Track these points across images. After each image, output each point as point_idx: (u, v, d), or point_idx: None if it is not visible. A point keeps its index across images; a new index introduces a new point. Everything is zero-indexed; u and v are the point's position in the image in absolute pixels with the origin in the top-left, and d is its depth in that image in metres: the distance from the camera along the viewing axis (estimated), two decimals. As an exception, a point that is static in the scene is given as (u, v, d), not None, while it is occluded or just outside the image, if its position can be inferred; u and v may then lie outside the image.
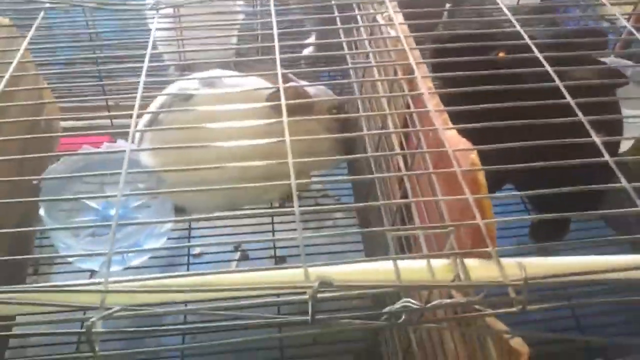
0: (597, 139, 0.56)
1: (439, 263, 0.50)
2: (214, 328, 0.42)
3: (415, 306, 0.45)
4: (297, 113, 0.89)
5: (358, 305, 0.93)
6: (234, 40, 1.11)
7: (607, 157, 0.54)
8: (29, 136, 0.80)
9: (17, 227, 0.87)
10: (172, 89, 0.88)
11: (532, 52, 0.68)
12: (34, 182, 0.84)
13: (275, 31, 0.71)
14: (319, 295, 0.41)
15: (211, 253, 1.13)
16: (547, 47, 0.80)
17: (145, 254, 0.92)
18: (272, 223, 1.12)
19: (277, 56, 0.68)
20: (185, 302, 0.44)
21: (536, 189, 0.72)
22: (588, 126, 0.57)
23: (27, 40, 0.74)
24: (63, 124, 1.03)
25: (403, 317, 0.46)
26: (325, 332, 0.43)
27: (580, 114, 0.58)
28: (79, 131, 1.05)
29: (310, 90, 0.93)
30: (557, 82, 0.62)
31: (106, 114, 1.03)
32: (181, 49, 0.98)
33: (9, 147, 0.75)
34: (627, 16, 1.17)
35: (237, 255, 1.14)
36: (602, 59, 0.98)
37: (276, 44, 0.69)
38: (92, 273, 0.94)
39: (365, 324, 0.44)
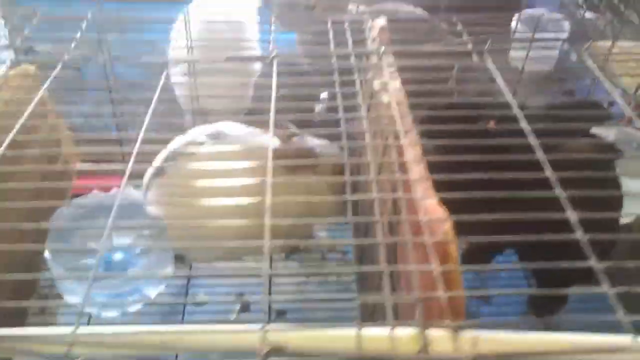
0: (572, 215, 0.56)
1: (402, 333, 0.51)
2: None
3: (370, 377, 0.46)
4: (298, 171, 0.91)
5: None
6: (248, 97, 1.15)
7: (579, 235, 0.54)
8: (40, 185, 0.84)
9: (27, 264, 0.91)
10: (179, 141, 0.92)
11: (525, 122, 0.69)
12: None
13: (273, 93, 0.75)
14: (271, 360, 0.42)
15: (212, 302, 1.14)
16: (543, 118, 0.81)
17: (140, 302, 0.93)
18: (272, 275, 1.13)
19: (272, 116, 0.71)
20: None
21: (535, 257, 0.71)
22: (565, 203, 0.57)
23: (42, 90, 0.78)
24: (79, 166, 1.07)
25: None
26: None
27: (561, 190, 0.59)
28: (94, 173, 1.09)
29: (316, 148, 0.95)
30: (542, 155, 0.63)
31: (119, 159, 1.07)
32: (195, 103, 1.02)
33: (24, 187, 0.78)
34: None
35: (238, 305, 1.15)
36: (610, 130, 0.98)
37: (272, 104, 0.72)
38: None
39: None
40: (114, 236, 0.96)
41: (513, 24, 1.18)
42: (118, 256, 0.95)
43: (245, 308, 1.17)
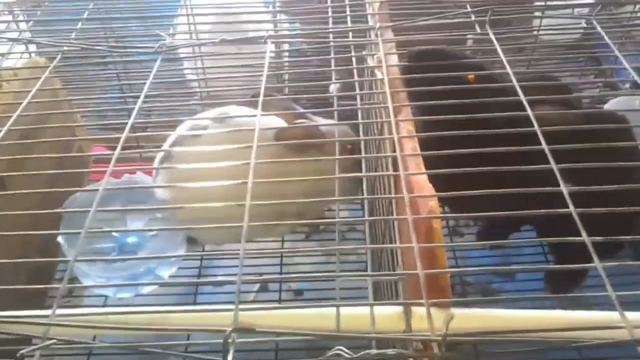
0: (564, 189, 0.54)
1: (382, 311, 0.50)
2: None
3: (346, 355, 0.45)
4: (307, 152, 0.90)
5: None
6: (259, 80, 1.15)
7: (571, 208, 0.52)
8: (57, 171, 0.86)
9: (42, 250, 0.93)
10: (185, 125, 0.93)
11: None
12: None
13: (265, 73, 0.74)
14: (238, 340, 0.42)
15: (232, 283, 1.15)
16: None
17: (154, 284, 0.95)
18: (282, 256, 1.14)
19: (261, 96, 0.71)
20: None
21: (553, 233, 0.68)
22: (558, 174, 0.55)
23: (40, 82, 0.78)
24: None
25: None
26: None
27: (552, 162, 0.57)
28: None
29: (323, 128, 0.93)
30: (537, 127, 0.61)
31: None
32: (204, 87, 1.03)
33: (40, 174, 0.80)
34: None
35: (257, 286, 1.17)
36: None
37: (263, 85, 0.72)
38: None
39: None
40: (128, 220, 0.98)
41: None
42: (131, 239, 0.97)
43: (264, 288, 1.18)
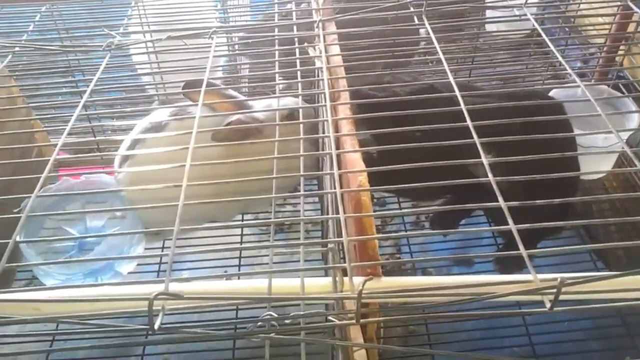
0: (485, 160, 0.57)
1: (315, 280, 0.53)
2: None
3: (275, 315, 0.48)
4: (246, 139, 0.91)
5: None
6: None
7: (490, 177, 0.55)
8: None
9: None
10: (141, 125, 0.96)
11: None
12: (14, 210, 0.90)
13: (208, 67, 0.76)
14: (169, 307, 0.44)
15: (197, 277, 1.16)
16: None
17: (116, 276, 0.96)
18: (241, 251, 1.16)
19: (203, 89, 0.72)
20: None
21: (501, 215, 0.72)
22: (479, 147, 0.58)
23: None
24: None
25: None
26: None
27: (475, 135, 0.60)
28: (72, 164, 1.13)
29: (258, 115, 0.95)
30: (463, 107, 0.64)
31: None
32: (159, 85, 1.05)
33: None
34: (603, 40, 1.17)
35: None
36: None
37: (205, 78, 0.74)
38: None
39: (216, 336, 0.46)
40: (89, 218, 1.00)
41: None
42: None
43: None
